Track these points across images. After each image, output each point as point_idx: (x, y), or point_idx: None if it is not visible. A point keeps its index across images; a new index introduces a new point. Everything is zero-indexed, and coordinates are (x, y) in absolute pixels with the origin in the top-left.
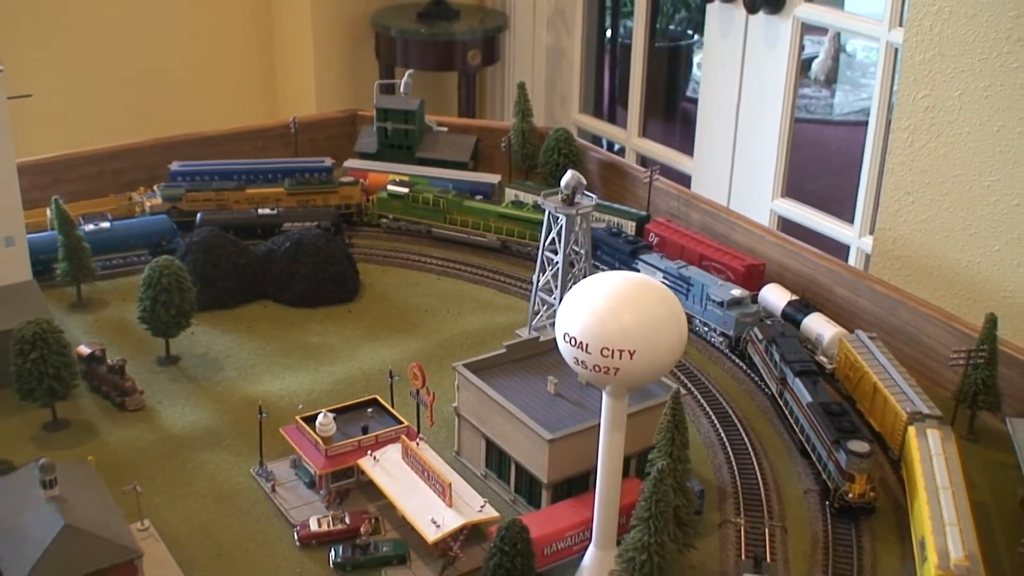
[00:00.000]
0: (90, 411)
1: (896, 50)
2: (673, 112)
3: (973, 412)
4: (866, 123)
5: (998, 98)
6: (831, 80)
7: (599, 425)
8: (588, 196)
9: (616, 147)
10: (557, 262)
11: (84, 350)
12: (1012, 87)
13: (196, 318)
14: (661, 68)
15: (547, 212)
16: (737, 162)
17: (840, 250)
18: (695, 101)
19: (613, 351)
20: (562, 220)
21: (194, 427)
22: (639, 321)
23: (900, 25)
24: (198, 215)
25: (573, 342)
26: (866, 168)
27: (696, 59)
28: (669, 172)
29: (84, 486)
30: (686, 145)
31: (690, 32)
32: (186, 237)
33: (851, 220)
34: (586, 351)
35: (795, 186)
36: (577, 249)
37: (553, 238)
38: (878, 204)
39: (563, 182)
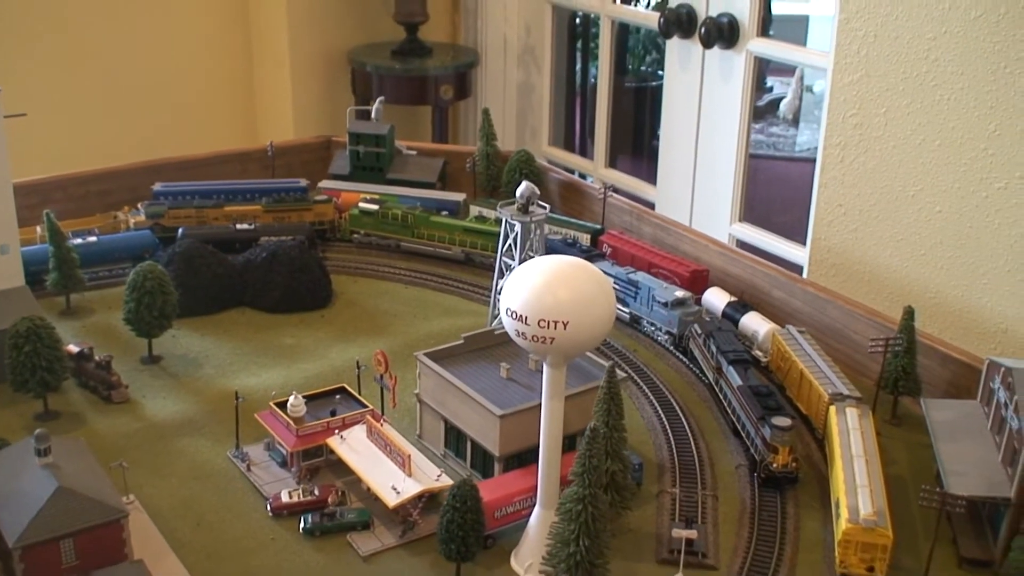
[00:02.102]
0: (79, 404)
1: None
2: (641, 149)
3: (895, 398)
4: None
5: (919, 114)
6: (798, 119)
7: None
8: (542, 205)
9: (589, 179)
10: (514, 267)
11: (73, 348)
12: (931, 103)
13: (177, 324)
14: (630, 107)
15: (504, 220)
16: (697, 189)
17: (795, 270)
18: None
19: (549, 322)
20: (517, 228)
21: (175, 417)
22: (572, 296)
23: None
24: (179, 230)
25: (515, 315)
26: (815, 196)
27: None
28: (634, 199)
29: (75, 457)
30: (653, 178)
31: (660, 73)
32: (168, 248)
33: (804, 243)
34: (525, 323)
35: (762, 218)
36: (532, 255)
37: (510, 245)
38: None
39: (518, 192)
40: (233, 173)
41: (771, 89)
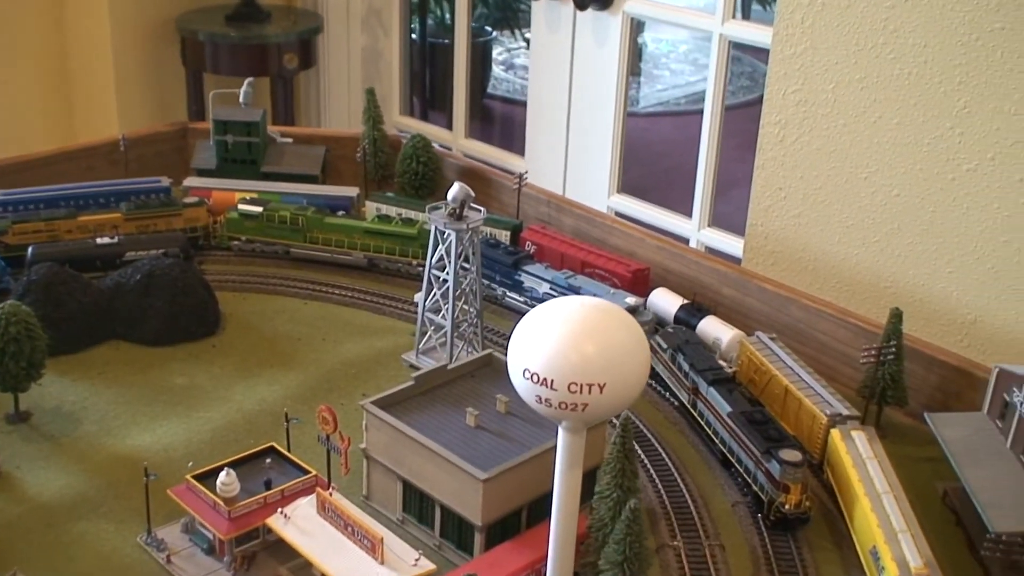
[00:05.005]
0: None
1: (729, 43)
2: (481, 110)
3: (880, 408)
4: (668, 114)
5: (874, 89)
6: (631, 73)
7: (532, 458)
8: (476, 209)
9: (454, 151)
10: (446, 280)
11: None
12: (888, 78)
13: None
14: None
15: (433, 228)
16: (571, 160)
17: (682, 242)
18: (497, 98)
19: (581, 386)
20: (451, 236)
21: (64, 493)
22: (606, 351)
23: (734, 18)
24: (28, 249)
25: (536, 379)
26: (702, 162)
27: (495, 54)
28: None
29: None
30: (505, 143)
31: (488, 29)
32: (19, 276)
33: (688, 213)
34: (551, 388)
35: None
36: (467, 266)
37: (442, 255)
38: (715, 195)
39: (450, 195)
40: (78, 172)
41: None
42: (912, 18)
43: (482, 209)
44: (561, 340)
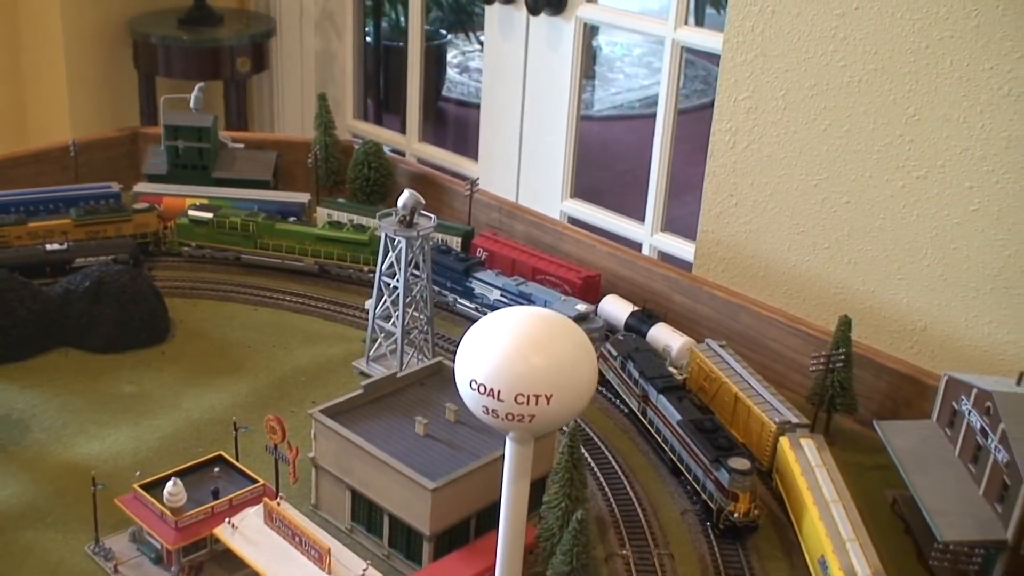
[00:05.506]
0: None
1: (682, 48)
2: (436, 113)
3: (829, 415)
4: (622, 117)
5: (824, 97)
6: (585, 76)
7: (481, 467)
8: (427, 216)
9: (407, 155)
10: (396, 287)
11: None
12: (839, 85)
13: None
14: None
15: (383, 235)
16: (524, 164)
17: (633, 248)
18: (452, 101)
19: (529, 397)
20: (401, 243)
21: (10, 502)
22: (553, 362)
23: (686, 23)
24: None
25: (483, 390)
26: (655, 167)
27: (449, 56)
28: (455, 177)
29: None
30: (459, 147)
31: (443, 32)
32: None
33: (641, 218)
34: (498, 399)
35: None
36: (417, 273)
37: (392, 262)
38: (668, 200)
39: (400, 202)
40: (27, 177)
41: (587, 49)
42: (862, 26)
43: (432, 216)
44: (507, 351)
